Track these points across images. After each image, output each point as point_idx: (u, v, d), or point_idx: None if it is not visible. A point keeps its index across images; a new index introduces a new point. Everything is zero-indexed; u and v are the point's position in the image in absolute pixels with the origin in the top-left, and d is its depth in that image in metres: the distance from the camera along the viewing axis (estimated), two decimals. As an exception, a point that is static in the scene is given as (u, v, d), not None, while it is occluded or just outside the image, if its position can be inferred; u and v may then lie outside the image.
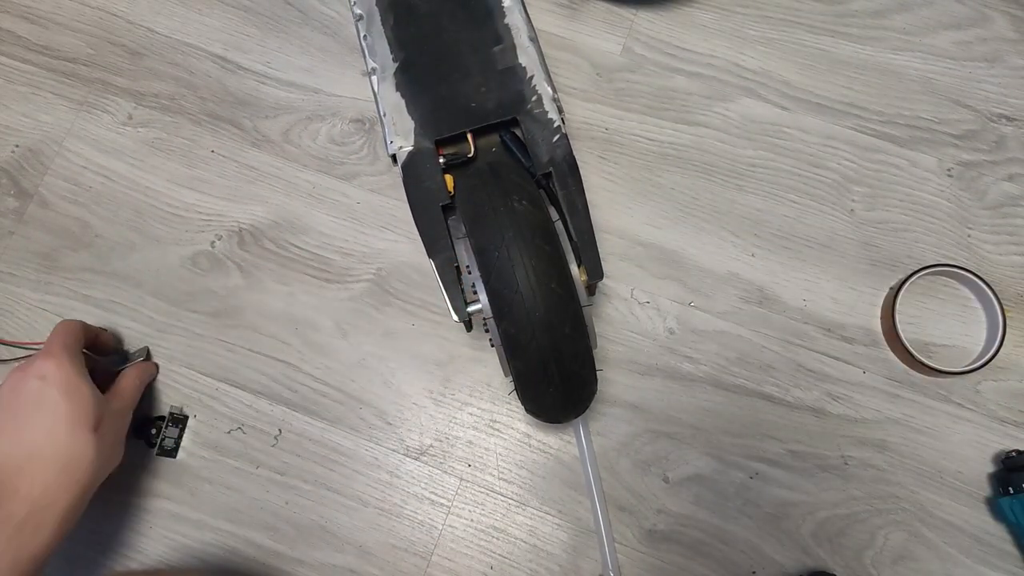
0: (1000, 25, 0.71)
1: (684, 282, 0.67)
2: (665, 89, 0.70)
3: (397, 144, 0.55)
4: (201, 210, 0.69)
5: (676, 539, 0.62)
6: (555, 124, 0.55)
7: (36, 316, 0.67)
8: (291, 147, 0.70)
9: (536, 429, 0.64)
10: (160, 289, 0.67)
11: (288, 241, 0.68)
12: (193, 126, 0.70)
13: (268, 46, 0.72)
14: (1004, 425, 0.64)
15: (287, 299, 0.67)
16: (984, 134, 0.69)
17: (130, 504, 0.63)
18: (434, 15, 0.58)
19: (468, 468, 0.64)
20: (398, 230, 0.68)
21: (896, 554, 0.62)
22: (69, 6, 0.73)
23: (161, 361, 0.66)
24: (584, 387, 0.49)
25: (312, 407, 0.65)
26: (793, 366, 0.65)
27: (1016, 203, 0.68)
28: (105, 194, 0.69)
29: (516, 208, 0.46)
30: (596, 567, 0.62)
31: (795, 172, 0.68)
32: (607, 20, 0.72)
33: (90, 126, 0.71)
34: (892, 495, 0.63)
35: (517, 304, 0.44)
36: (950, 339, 0.65)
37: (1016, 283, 0.66)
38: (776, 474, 0.63)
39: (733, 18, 0.72)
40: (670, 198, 0.68)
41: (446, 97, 0.56)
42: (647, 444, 0.64)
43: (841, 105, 0.70)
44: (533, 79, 0.56)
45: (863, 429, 0.64)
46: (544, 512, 0.63)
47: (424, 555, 0.62)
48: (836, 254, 0.67)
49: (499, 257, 0.45)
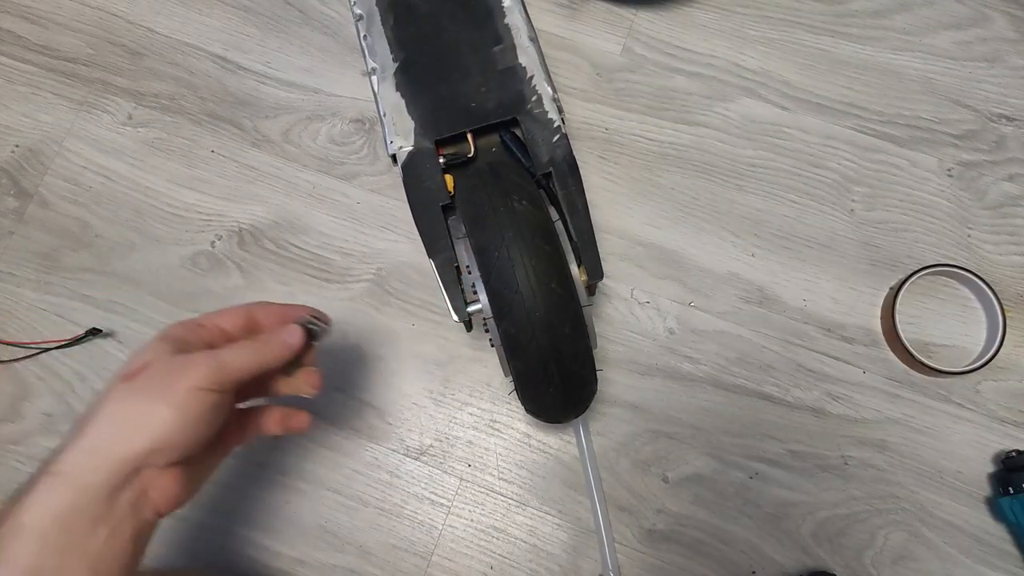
0: (1000, 25, 0.71)
1: (684, 282, 0.67)
2: (665, 89, 0.70)
3: (397, 144, 0.55)
4: (201, 210, 0.69)
5: (676, 539, 0.62)
6: (555, 124, 0.55)
7: (36, 316, 0.67)
8: (291, 147, 0.70)
9: (536, 429, 0.64)
10: (160, 289, 0.67)
11: (288, 241, 0.68)
12: (193, 126, 0.70)
13: (268, 46, 0.72)
14: (1004, 425, 0.64)
15: (287, 299, 0.67)
16: (984, 134, 0.69)
17: (130, 504, 0.63)
18: (434, 15, 0.58)
19: (468, 468, 0.64)
20: (398, 230, 0.68)
21: (896, 554, 0.62)
22: (69, 6, 0.73)
23: (161, 361, 0.66)
24: (584, 387, 0.49)
25: (312, 407, 0.65)
26: (793, 366, 0.65)
27: (1016, 203, 0.68)
28: (105, 194, 0.69)
29: (516, 208, 0.46)
30: (596, 567, 0.62)
31: (795, 172, 0.68)
32: (607, 20, 0.72)
33: (90, 126, 0.71)
34: (892, 495, 0.63)
35: (517, 304, 0.44)
36: (950, 339, 0.65)
37: (1016, 283, 0.66)
38: (776, 474, 0.63)
39: (733, 18, 0.72)
40: (670, 198, 0.68)
41: (446, 97, 0.56)
42: (647, 444, 0.64)
43: (841, 105, 0.70)
44: (533, 79, 0.56)
45: (863, 429, 0.64)
46: (544, 512, 0.63)
47: (424, 555, 0.62)
48: (836, 254, 0.67)
49: (499, 257, 0.45)
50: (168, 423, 0.39)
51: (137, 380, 0.40)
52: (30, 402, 0.66)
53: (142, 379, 0.40)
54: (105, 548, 0.38)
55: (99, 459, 0.38)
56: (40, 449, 0.65)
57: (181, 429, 0.39)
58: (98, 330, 0.66)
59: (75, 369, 0.66)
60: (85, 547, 0.37)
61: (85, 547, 0.37)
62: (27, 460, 0.65)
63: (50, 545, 0.37)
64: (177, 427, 0.39)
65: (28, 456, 0.65)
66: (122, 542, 0.39)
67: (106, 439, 0.39)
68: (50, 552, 0.37)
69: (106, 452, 0.38)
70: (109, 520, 0.38)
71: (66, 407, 0.65)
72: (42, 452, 0.65)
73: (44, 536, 0.37)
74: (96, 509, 0.38)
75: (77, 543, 0.37)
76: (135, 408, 0.39)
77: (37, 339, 0.66)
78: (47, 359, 0.66)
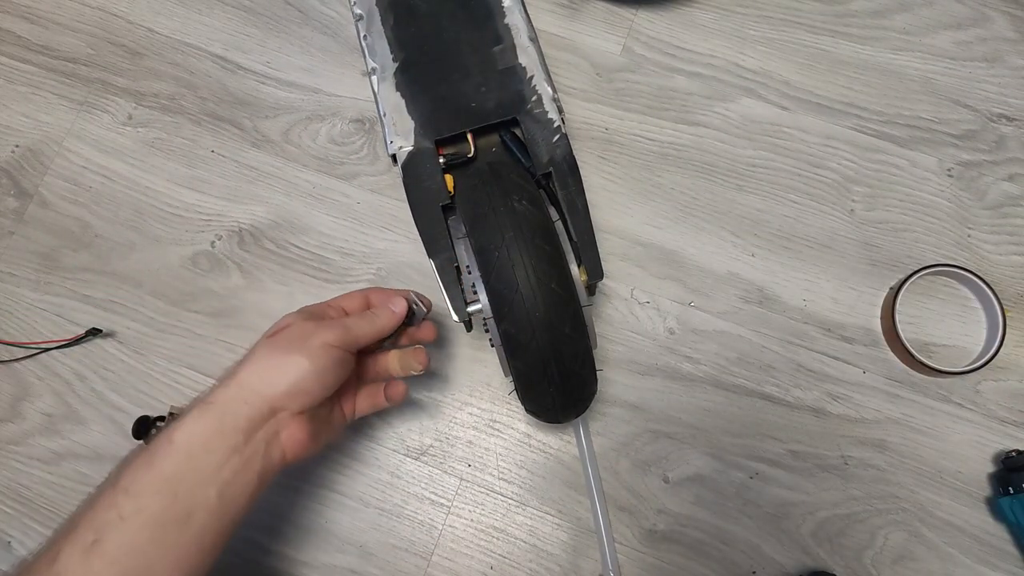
0: (1000, 25, 0.71)
1: (684, 282, 0.67)
2: (665, 89, 0.70)
3: (397, 144, 0.55)
4: (201, 210, 0.69)
5: (676, 539, 0.62)
6: (555, 124, 0.55)
7: (36, 316, 0.67)
8: (291, 147, 0.70)
9: (536, 429, 0.64)
10: (160, 289, 0.67)
11: (288, 241, 0.68)
12: (193, 126, 0.70)
13: (268, 46, 0.72)
14: (1004, 425, 0.64)
15: (287, 299, 0.67)
16: (984, 134, 0.69)
17: (130, 504, 0.63)
18: (434, 15, 0.58)
19: (468, 468, 0.64)
20: (398, 230, 0.68)
21: (896, 554, 0.62)
22: (69, 6, 0.73)
23: (161, 361, 0.66)
24: (584, 387, 0.49)
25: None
26: (793, 366, 0.65)
27: (1016, 203, 0.68)
28: (105, 194, 0.69)
29: (516, 208, 0.46)
30: (596, 567, 0.62)
31: (795, 172, 0.68)
32: (607, 20, 0.72)
33: (90, 126, 0.71)
34: (892, 495, 0.63)
35: (517, 304, 0.44)
36: (950, 339, 0.65)
37: (1016, 283, 0.66)
38: (776, 474, 0.63)
39: (733, 18, 0.72)
40: (670, 198, 0.68)
41: (446, 97, 0.56)
42: (647, 444, 0.64)
43: (841, 105, 0.70)
44: (533, 79, 0.56)
45: (863, 429, 0.64)
46: (544, 512, 0.63)
47: (424, 555, 0.62)
48: (836, 254, 0.67)
49: (499, 257, 0.45)
50: (303, 370, 0.46)
51: (279, 336, 0.48)
52: (30, 402, 0.66)
53: (283, 336, 0.48)
54: (234, 477, 0.44)
55: (245, 394, 0.45)
56: (40, 449, 0.65)
57: (313, 376, 0.46)
58: (98, 330, 0.66)
59: (75, 369, 0.66)
60: (219, 469, 0.43)
61: (219, 469, 0.43)
62: (27, 460, 0.65)
63: (192, 460, 0.43)
64: (310, 375, 0.46)
65: (28, 456, 0.65)
66: (250, 476, 0.45)
67: (252, 379, 0.46)
68: (190, 467, 0.43)
69: (251, 389, 0.45)
70: (244, 451, 0.44)
71: (66, 407, 0.65)
72: (42, 452, 0.65)
73: (189, 452, 0.43)
74: (235, 439, 0.44)
75: (213, 464, 0.43)
76: (277, 358, 0.46)
77: (37, 339, 0.66)
78: (47, 359, 0.66)
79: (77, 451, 0.65)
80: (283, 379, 0.45)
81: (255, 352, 0.47)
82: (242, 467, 0.44)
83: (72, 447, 0.65)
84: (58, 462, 0.65)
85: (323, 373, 0.47)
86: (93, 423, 0.65)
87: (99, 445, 0.65)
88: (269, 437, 0.45)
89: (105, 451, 0.65)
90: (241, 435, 0.44)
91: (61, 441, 0.65)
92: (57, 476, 0.65)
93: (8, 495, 0.64)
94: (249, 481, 0.45)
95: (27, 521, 0.64)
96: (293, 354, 0.46)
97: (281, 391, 0.45)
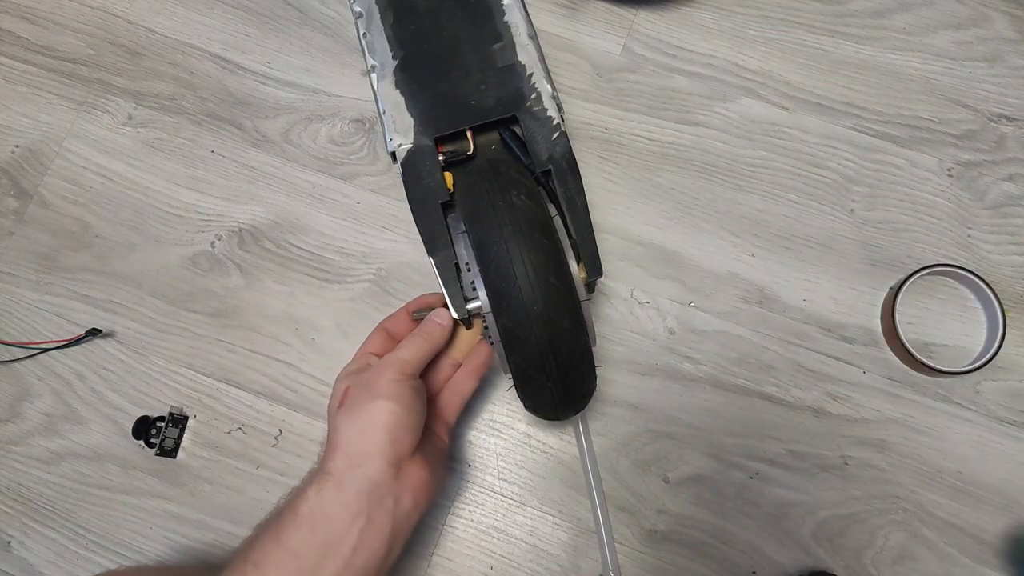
0: (1000, 25, 0.71)
1: (684, 282, 0.67)
2: (665, 89, 0.70)
3: (397, 142, 0.55)
4: (201, 210, 0.69)
5: (676, 539, 0.62)
6: (554, 122, 0.55)
7: (36, 316, 0.67)
8: (291, 147, 0.70)
9: (536, 429, 0.64)
10: (160, 289, 0.67)
11: (288, 241, 0.68)
12: (193, 126, 0.70)
13: (268, 46, 0.72)
14: (1004, 425, 0.63)
15: (287, 299, 0.67)
16: (984, 134, 0.69)
17: (130, 504, 0.63)
18: (433, 13, 0.58)
19: (468, 468, 0.64)
20: (398, 230, 0.68)
21: (896, 554, 0.61)
22: (69, 6, 0.73)
23: (161, 361, 0.66)
24: (583, 383, 0.49)
25: (312, 407, 0.65)
26: (793, 366, 0.65)
27: (1016, 203, 0.67)
28: (105, 194, 0.69)
29: (515, 203, 0.46)
30: (596, 567, 0.62)
31: (795, 172, 0.68)
32: (607, 20, 0.72)
33: (90, 126, 0.71)
34: (892, 495, 0.62)
35: (515, 298, 0.44)
36: (950, 339, 0.65)
37: (1016, 283, 0.66)
38: (776, 474, 0.63)
39: (733, 18, 0.72)
40: (670, 198, 0.68)
41: (446, 94, 0.56)
42: (647, 444, 0.64)
43: (841, 105, 0.70)
44: (532, 77, 0.56)
45: (863, 429, 0.64)
46: (544, 512, 0.63)
47: (424, 555, 0.62)
48: (836, 254, 0.67)
49: (497, 251, 0.45)
50: (390, 410, 0.46)
51: (348, 401, 0.48)
52: (30, 402, 0.66)
53: (352, 397, 0.48)
54: (361, 542, 0.44)
55: (354, 459, 0.45)
56: (40, 449, 0.65)
57: (403, 412, 0.46)
58: (98, 330, 0.66)
59: (75, 369, 0.66)
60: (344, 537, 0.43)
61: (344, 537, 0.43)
62: (27, 460, 0.65)
63: (315, 532, 0.43)
64: (400, 412, 0.46)
65: (28, 456, 0.65)
66: (380, 539, 0.44)
67: (354, 445, 0.46)
68: (315, 539, 0.43)
69: (356, 452, 0.45)
70: (370, 514, 0.44)
71: (66, 407, 0.65)
72: (42, 452, 0.65)
73: (312, 524, 0.43)
74: (359, 504, 0.44)
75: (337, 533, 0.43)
76: (360, 417, 0.46)
77: (37, 339, 0.66)
78: (47, 359, 0.66)
79: (77, 451, 0.65)
80: (379, 430, 0.45)
81: (337, 426, 0.47)
82: (369, 531, 0.44)
83: (72, 447, 0.65)
84: (58, 462, 0.65)
85: (407, 406, 0.47)
86: (93, 423, 0.65)
87: (99, 445, 0.65)
88: (397, 493, 0.45)
89: (105, 451, 0.65)
90: (364, 499, 0.44)
91: (61, 441, 0.65)
92: (57, 476, 0.64)
93: (8, 495, 0.64)
94: (380, 545, 0.44)
95: (27, 521, 0.64)
96: (371, 403, 0.46)
97: (385, 442, 0.45)
